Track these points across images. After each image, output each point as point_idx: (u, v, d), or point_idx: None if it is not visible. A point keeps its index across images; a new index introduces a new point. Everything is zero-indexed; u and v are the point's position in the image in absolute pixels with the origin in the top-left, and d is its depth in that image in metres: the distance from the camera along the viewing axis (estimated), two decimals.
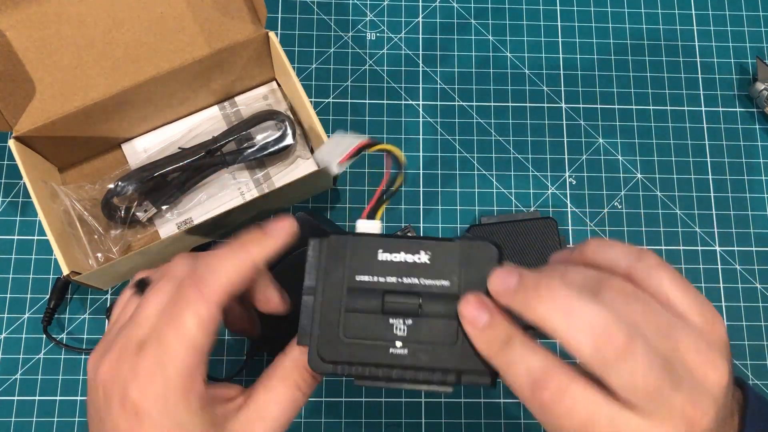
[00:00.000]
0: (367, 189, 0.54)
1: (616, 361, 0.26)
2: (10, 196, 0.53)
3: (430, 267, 0.32)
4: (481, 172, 0.55)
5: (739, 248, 0.54)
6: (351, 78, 0.56)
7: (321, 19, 0.58)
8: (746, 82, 0.57)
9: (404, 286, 0.32)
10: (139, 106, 0.50)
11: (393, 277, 0.32)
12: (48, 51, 0.47)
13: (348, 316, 0.31)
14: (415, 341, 0.31)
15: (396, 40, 0.58)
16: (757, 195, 0.55)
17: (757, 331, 0.52)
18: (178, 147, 0.51)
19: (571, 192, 0.54)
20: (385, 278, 0.32)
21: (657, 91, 0.57)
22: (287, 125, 0.51)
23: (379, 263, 0.32)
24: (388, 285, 0.32)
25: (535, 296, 0.28)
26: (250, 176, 0.53)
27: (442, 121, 0.56)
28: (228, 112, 0.54)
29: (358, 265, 0.32)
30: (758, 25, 0.59)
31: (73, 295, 0.51)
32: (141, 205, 0.50)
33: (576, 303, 0.27)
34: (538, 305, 0.28)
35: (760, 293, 0.53)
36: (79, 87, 0.47)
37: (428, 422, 0.49)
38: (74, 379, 0.49)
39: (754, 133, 0.56)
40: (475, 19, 0.58)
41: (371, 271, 0.32)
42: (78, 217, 0.49)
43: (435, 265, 0.32)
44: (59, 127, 0.48)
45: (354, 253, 0.32)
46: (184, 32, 0.48)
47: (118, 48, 0.48)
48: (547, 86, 0.57)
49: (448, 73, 0.57)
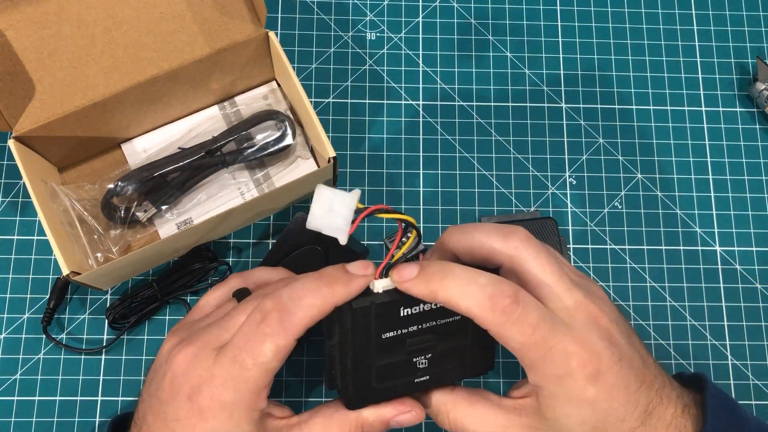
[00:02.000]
0: (367, 189, 0.54)
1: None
2: (10, 196, 0.53)
3: (443, 309, 0.35)
4: (481, 172, 0.55)
5: (739, 248, 0.54)
6: (351, 78, 0.56)
7: (321, 19, 0.58)
8: (746, 82, 0.57)
9: (423, 331, 0.36)
10: (140, 106, 0.50)
11: (414, 326, 0.36)
12: (48, 51, 0.47)
13: (378, 368, 0.36)
14: (435, 368, 0.37)
15: (396, 40, 0.58)
16: (757, 195, 0.55)
17: (757, 331, 0.52)
18: (178, 147, 0.51)
19: (571, 192, 0.54)
20: (407, 328, 0.36)
21: (657, 91, 0.57)
22: (287, 125, 0.51)
23: (401, 319, 0.35)
24: (410, 333, 0.36)
25: (434, 279, 0.33)
26: (250, 176, 0.53)
27: (442, 121, 0.56)
28: (228, 112, 0.54)
29: (383, 326, 0.35)
30: (758, 25, 0.59)
31: (72, 295, 0.51)
32: (141, 205, 0.50)
33: (468, 278, 0.33)
34: (438, 286, 0.33)
35: (760, 293, 0.53)
36: (79, 87, 0.47)
37: (428, 422, 0.49)
38: (74, 379, 0.49)
39: (754, 133, 0.56)
40: (476, 19, 0.58)
41: (395, 327, 0.35)
42: (78, 217, 0.49)
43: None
44: (59, 127, 0.48)
45: (378, 316, 0.35)
46: (184, 32, 0.48)
47: (118, 48, 0.48)
48: (547, 86, 0.57)
49: (448, 73, 0.57)
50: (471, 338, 0.37)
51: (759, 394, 0.51)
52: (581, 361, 0.32)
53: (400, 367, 0.36)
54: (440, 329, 0.36)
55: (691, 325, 0.52)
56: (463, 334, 0.37)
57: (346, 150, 0.55)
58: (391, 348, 0.36)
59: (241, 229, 0.53)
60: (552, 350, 0.32)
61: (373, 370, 0.36)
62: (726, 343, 0.52)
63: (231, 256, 0.52)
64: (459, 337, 0.37)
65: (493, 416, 0.35)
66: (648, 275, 0.53)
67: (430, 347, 0.36)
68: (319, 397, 0.50)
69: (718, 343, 0.52)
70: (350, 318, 0.34)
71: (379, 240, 0.53)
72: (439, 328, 0.36)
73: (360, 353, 0.35)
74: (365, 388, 0.36)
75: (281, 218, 0.53)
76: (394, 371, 0.36)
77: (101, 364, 0.50)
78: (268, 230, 0.53)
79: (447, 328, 0.36)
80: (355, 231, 0.52)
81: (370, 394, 0.36)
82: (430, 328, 0.36)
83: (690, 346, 0.51)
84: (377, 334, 0.35)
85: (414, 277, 0.33)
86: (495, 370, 0.50)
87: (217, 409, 0.33)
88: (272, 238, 0.53)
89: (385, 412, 0.37)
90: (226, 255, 0.52)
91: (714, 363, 0.51)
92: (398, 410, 0.37)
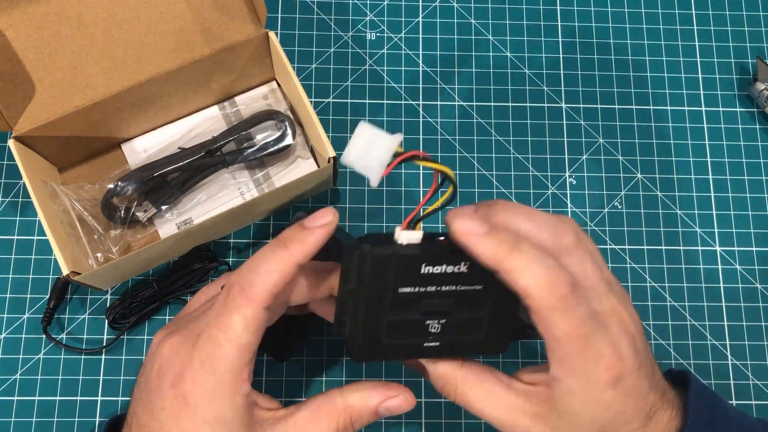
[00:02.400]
0: (367, 189, 0.54)
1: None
2: (10, 196, 0.53)
3: (468, 275, 0.34)
4: (481, 172, 0.55)
5: (739, 248, 0.54)
6: (351, 78, 0.56)
7: (321, 19, 0.58)
8: (746, 82, 0.57)
9: (441, 294, 0.34)
10: (139, 106, 0.50)
11: (433, 287, 0.34)
12: (48, 51, 0.47)
13: (390, 322, 0.35)
14: (446, 336, 0.35)
15: (396, 40, 0.58)
16: (757, 195, 0.55)
17: (757, 331, 0.52)
18: (178, 147, 0.51)
19: (571, 192, 0.54)
20: (425, 288, 0.34)
21: (657, 91, 0.57)
22: (287, 125, 0.51)
23: (421, 276, 0.34)
24: (428, 293, 0.34)
25: (504, 245, 0.31)
26: (250, 176, 0.53)
27: (442, 121, 0.56)
28: (228, 112, 0.54)
29: (402, 280, 0.34)
30: (758, 25, 0.59)
31: (72, 295, 0.51)
32: (141, 205, 0.50)
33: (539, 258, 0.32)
34: (506, 255, 0.31)
35: (760, 293, 0.53)
36: (79, 87, 0.47)
37: (428, 422, 0.49)
38: (74, 379, 0.49)
39: (754, 133, 0.56)
40: (476, 19, 0.58)
41: (413, 283, 0.34)
42: (78, 217, 0.49)
43: (472, 273, 0.34)
44: (59, 127, 0.48)
45: (399, 269, 0.33)
46: (184, 32, 0.48)
47: (118, 48, 0.48)
48: (547, 86, 0.57)
49: (448, 73, 0.57)
50: (489, 314, 0.35)
51: (759, 394, 0.51)
52: (608, 365, 0.32)
53: (412, 327, 0.35)
54: (459, 296, 0.35)
55: (691, 325, 0.52)
56: (481, 308, 0.35)
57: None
58: (406, 304, 0.34)
59: (241, 229, 0.53)
60: (588, 348, 0.32)
61: (384, 323, 0.35)
62: (726, 343, 0.52)
63: (231, 256, 0.52)
64: (477, 309, 0.35)
65: (502, 397, 0.35)
66: (648, 275, 0.53)
67: (446, 312, 0.35)
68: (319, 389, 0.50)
69: (718, 343, 0.52)
70: (369, 265, 0.33)
71: None
72: (458, 295, 0.35)
73: (374, 303, 0.34)
74: (373, 341, 0.35)
75: (281, 218, 0.53)
76: (406, 329, 0.35)
77: (101, 364, 0.50)
78: (268, 230, 0.53)
79: (466, 297, 0.35)
80: (355, 231, 0.53)
81: (377, 349, 0.35)
82: (449, 293, 0.34)
83: (690, 346, 0.51)
84: (394, 287, 0.34)
85: (482, 234, 0.32)
86: None
87: (199, 394, 0.33)
88: (272, 238, 0.53)
89: (371, 398, 0.36)
90: (226, 255, 0.52)
91: (714, 363, 0.51)
92: (385, 395, 0.36)
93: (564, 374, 0.33)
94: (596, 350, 0.32)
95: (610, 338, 0.32)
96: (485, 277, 0.33)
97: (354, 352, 0.35)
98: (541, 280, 0.31)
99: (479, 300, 0.35)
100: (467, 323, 0.36)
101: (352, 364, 0.50)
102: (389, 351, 0.36)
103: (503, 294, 0.33)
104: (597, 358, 0.32)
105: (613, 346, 0.32)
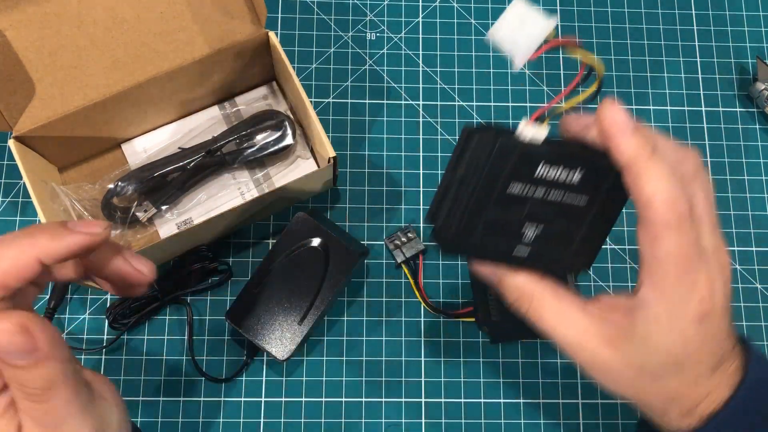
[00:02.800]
0: (367, 189, 0.54)
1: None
2: (10, 196, 0.53)
3: (577, 186, 0.33)
4: None
5: (739, 248, 0.54)
6: (351, 78, 0.56)
7: (321, 19, 0.58)
8: (746, 82, 0.57)
9: (546, 201, 0.33)
10: (139, 106, 0.50)
11: (541, 191, 0.33)
12: (48, 51, 0.47)
13: (490, 215, 0.34)
14: (538, 245, 0.34)
15: (396, 40, 0.58)
16: (757, 195, 0.55)
17: (757, 331, 0.52)
18: (178, 147, 0.51)
19: None
20: (534, 191, 0.33)
21: (657, 91, 0.57)
22: (287, 125, 0.51)
23: (534, 177, 0.33)
24: (534, 198, 0.33)
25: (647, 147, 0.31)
26: (250, 176, 0.53)
27: (442, 121, 0.56)
28: (228, 112, 0.54)
29: (516, 175, 0.33)
30: (758, 25, 0.59)
31: (73, 295, 0.51)
32: (141, 205, 0.50)
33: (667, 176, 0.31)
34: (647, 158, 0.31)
35: (760, 293, 0.53)
36: (79, 87, 0.47)
37: (428, 422, 0.49)
38: None
39: (754, 133, 0.56)
40: (475, 19, 0.58)
41: (526, 182, 0.33)
42: (78, 217, 0.49)
43: (582, 184, 0.33)
44: (59, 127, 0.48)
45: (517, 163, 0.32)
46: (184, 32, 0.48)
47: (118, 48, 0.48)
48: (547, 86, 0.57)
49: (448, 73, 0.57)
50: (584, 231, 0.34)
51: None
52: (701, 298, 0.32)
53: (509, 229, 0.34)
54: (562, 207, 0.34)
55: None
56: (578, 223, 0.34)
57: (346, 150, 0.55)
58: (510, 204, 0.33)
59: (241, 229, 0.53)
60: (688, 275, 0.31)
61: (483, 218, 0.34)
62: None
63: (231, 256, 0.52)
64: (574, 223, 0.34)
65: (575, 317, 0.34)
66: None
67: (545, 220, 0.34)
68: (319, 397, 0.50)
69: None
70: (488, 154, 0.32)
71: (380, 240, 0.53)
72: (561, 206, 0.34)
73: (480, 196, 0.33)
74: (467, 234, 0.34)
75: (281, 218, 0.53)
76: (502, 230, 0.34)
77: (101, 364, 0.50)
78: (268, 230, 0.53)
79: (568, 209, 0.34)
80: (355, 231, 0.53)
81: (467, 243, 0.34)
82: (552, 203, 0.34)
83: None
84: (506, 182, 0.33)
85: (631, 128, 0.31)
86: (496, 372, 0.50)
87: None
88: (272, 238, 0.53)
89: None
90: (226, 255, 0.52)
91: None
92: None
93: (655, 297, 0.32)
94: (694, 280, 0.31)
95: (709, 273, 0.32)
96: (593, 190, 0.33)
97: (445, 242, 0.34)
98: (667, 194, 0.31)
99: (579, 214, 0.34)
100: (561, 236, 0.35)
101: (353, 364, 0.50)
102: (478, 248, 0.35)
103: (604, 212, 0.34)
104: (693, 288, 0.32)
105: (710, 281, 0.32)
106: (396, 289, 0.52)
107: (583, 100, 0.31)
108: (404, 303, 0.52)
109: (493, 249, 0.35)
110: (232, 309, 0.47)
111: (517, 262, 0.35)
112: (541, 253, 0.35)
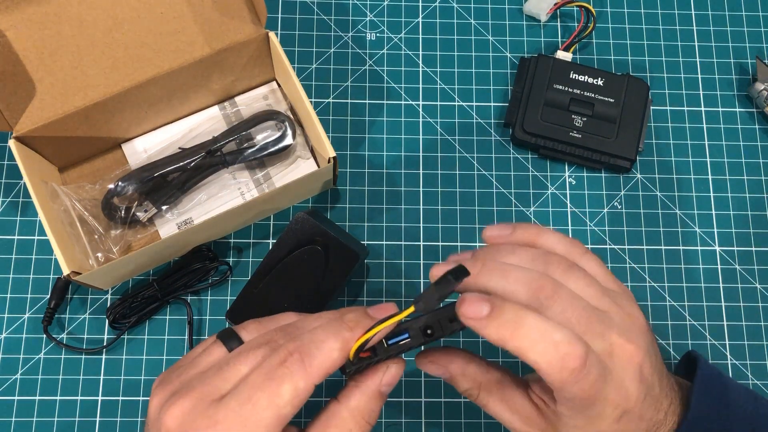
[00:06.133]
0: (367, 189, 0.54)
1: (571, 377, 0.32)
2: (10, 196, 0.53)
3: (604, 88, 0.53)
4: (481, 172, 0.55)
5: (739, 248, 0.54)
6: (351, 78, 0.56)
7: (321, 19, 0.58)
8: (746, 82, 0.57)
9: (584, 97, 0.53)
10: (140, 106, 0.50)
11: (578, 90, 0.53)
12: (48, 51, 0.47)
13: (545, 107, 0.53)
14: (587, 131, 0.52)
15: (396, 40, 0.58)
16: (757, 195, 0.55)
17: (757, 331, 0.52)
18: (178, 147, 0.51)
19: (570, 192, 0.54)
20: (572, 89, 0.53)
21: (657, 91, 0.57)
22: (287, 125, 0.51)
23: (570, 80, 0.53)
24: (574, 94, 0.53)
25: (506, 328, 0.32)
26: (250, 176, 0.53)
27: (442, 121, 0.56)
28: (228, 112, 0.54)
29: (556, 78, 0.53)
30: (758, 25, 0.59)
31: (73, 295, 0.51)
32: (141, 205, 0.50)
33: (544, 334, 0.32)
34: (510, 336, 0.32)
35: (760, 293, 0.53)
36: (79, 87, 0.47)
37: (428, 422, 0.49)
38: (74, 379, 0.49)
39: (754, 133, 0.56)
40: (475, 20, 0.58)
41: (564, 83, 0.53)
42: (78, 217, 0.49)
43: (607, 87, 0.53)
44: (59, 127, 0.48)
45: (555, 70, 0.54)
46: (184, 32, 0.48)
47: (118, 48, 0.48)
48: None
49: (448, 73, 0.57)
50: (619, 124, 0.52)
51: None
52: (614, 405, 0.33)
53: (562, 116, 0.52)
54: (597, 102, 0.53)
55: (691, 325, 0.52)
56: (613, 117, 0.52)
57: (346, 150, 0.55)
58: (557, 96, 0.53)
59: (241, 229, 0.53)
60: (596, 401, 0.33)
61: (540, 107, 0.53)
62: (726, 343, 0.52)
63: (231, 256, 0.52)
64: (610, 117, 0.52)
65: (520, 404, 0.37)
66: (648, 275, 0.53)
67: (587, 110, 0.52)
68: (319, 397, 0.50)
69: (717, 343, 0.52)
70: (534, 66, 0.54)
71: (380, 240, 0.53)
72: (596, 101, 0.53)
73: (535, 94, 0.53)
74: (532, 122, 0.52)
75: (281, 218, 0.53)
76: (557, 116, 0.52)
77: (101, 364, 0.50)
78: (268, 230, 0.53)
79: (602, 105, 0.52)
80: (355, 231, 0.53)
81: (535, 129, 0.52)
82: (590, 98, 0.53)
83: (690, 346, 0.51)
84: (551, 82, 0.53)
85: (484, 317, 0.32)
86: None
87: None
88: (272, 238, 0.53)
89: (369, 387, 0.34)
90: (226, 255, 0.52)
91: (714, 363, 0.51)
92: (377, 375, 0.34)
93: (571, 414, 0.34)
94: (603, 397, 0.33)
95: (614, 381, 0.33)
96: (616, 92, 0.53)
97: (522, 134, 0.53)
98: (549, 356, 0.31)
99: (611, 110, 0.53)
100: (603, 126, 0.52)
101: None
102: (544, 131, 0.52)
103: (631, 109, 0.53)
104: (604, 403, 0.33)
105: (618, 388, 0.33)
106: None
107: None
108: (404, 303, 0.52)
109: (554, 132, 0.52)
110: (232, 309, 0.47)
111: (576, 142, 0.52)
112: (591, 138, 0.52)
